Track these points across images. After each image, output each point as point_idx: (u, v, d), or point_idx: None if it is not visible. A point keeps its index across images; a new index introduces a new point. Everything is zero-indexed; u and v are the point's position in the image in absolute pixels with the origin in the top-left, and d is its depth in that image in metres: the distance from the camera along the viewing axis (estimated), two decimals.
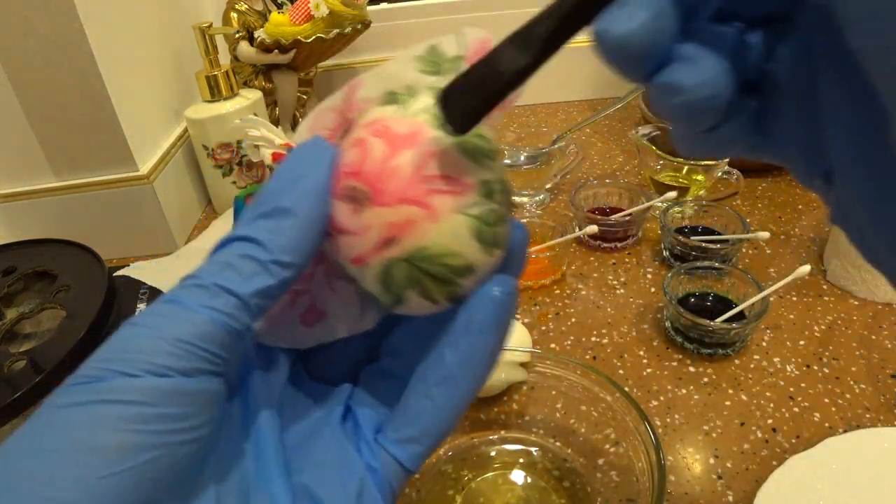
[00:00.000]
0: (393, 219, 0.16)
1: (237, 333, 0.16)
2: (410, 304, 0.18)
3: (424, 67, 0.18)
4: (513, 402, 0.43)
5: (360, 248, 0.17)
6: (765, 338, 0.49)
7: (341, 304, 0.20)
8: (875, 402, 0.43)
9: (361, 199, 0.16)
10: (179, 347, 0.15)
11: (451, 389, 0.18)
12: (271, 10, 0.78)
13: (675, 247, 0.57)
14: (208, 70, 0.68)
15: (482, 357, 0.18)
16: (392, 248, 0.16)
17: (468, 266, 0.17)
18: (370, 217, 0.16)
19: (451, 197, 0.16)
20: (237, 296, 0.15)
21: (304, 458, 0.18)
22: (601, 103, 0.95)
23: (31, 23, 0.55)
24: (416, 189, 0.16)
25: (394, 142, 0.16)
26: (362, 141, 0.17)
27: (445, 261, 0.17)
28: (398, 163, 0.16)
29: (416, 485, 0.38)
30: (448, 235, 0.16)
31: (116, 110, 0.60)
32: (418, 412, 0.18)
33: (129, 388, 0.14)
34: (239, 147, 0.71)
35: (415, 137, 0.17)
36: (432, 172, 0.16)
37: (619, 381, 0.44)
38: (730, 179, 0.64)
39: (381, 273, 0.17)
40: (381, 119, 0.17)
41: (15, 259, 0.51)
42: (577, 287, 0.56)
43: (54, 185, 0.64)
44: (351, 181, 0.17)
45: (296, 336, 0.20)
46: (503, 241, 0.18)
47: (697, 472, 0.39)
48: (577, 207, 0.61)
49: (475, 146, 0.17)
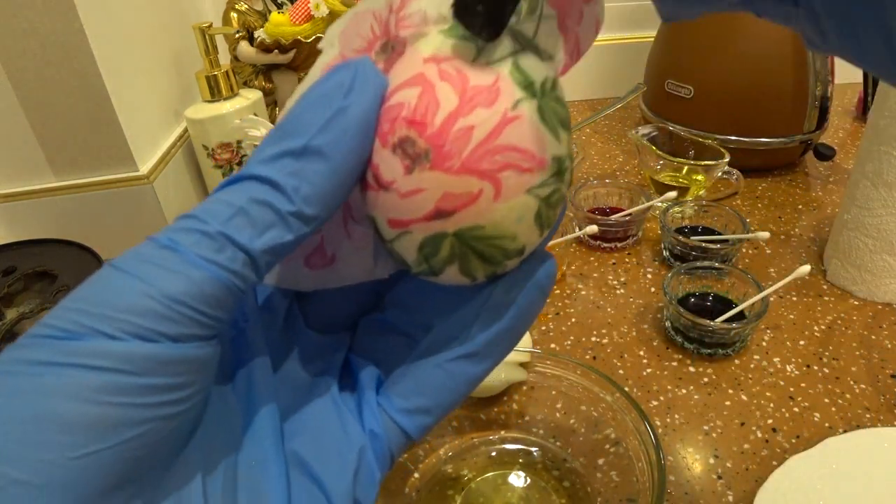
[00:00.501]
0: (454, 189, 0.14)
1: (239, 293, 0.13)
2: (445, 277, 0.15)
3: None
4: (513, 402, 0.43)
5: (404, 212, 0.14)
6: (765, 338, 0.49)
7: (354, 251, 0.17)
8: (875, 402, 0.43)
9: (419, 157, 0.14)
10: (173, 309, 0.12)
11: (473, 367, 0.16)
12: (271, 10, 0.79)
13: (675, 247, 0.57)
14: (208, 70, 0.69)
15: (512, 338, 0.17)
16: (444, 221, 0.14)
17: (521, 248, 0.15)
18: (426, 180, 0.14)
19: (523, 175, 0.14)
20: (247, 251, 0.13)
21: (298, 420, 0.17)
22: (601, 103, 0.95)
23: (31, 23, 0.55)
24: (487, 159, 0.14)
25: (469, 95, 0.14)
26: (428, 82, 0.14)
27: (500, 242, 0.14)
28: (471, 122, 0.13)
29: (416, 485, 0.38)
30: (511, 217, 0.14)
31: (116, 110, 0.60)
32: (433, 383, 0.16)
33: (111, 353, 0.12)
34: (239, 147, 0.71)
35: (495, 95, 0.14)
36: (510, 142, 0.14)
37: (619, 381, 0.44)
38: (730, 179, 0.64)
39: (424, 243, 0.15)
40: (451, 58, 0.14)
41: (15, 259, 0.51)
42: (577, 287, 0.56)
43: (54, 185, 0.64)
44: (409, 130, 0.14)
45: (297, 278, 0.17)
46: (557, 220, 0.16)
47: (697, 472, 0.39)
48: (577, 207, 0.61)
49: (556, 114, 0.14)
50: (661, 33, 0.78)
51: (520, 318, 0.16)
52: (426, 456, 0.39)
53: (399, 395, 0.17)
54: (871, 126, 0.49)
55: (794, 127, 0.69)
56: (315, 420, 0.17)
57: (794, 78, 0.66)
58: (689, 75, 0.71)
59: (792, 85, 0.66)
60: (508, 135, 0.14)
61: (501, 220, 0.14)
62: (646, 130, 0.67)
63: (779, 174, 0.73)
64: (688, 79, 0.71)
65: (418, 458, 0.39)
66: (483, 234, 0.14)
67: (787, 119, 0.68)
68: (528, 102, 0.14)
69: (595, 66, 0.95)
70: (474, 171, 0.14)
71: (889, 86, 0.47)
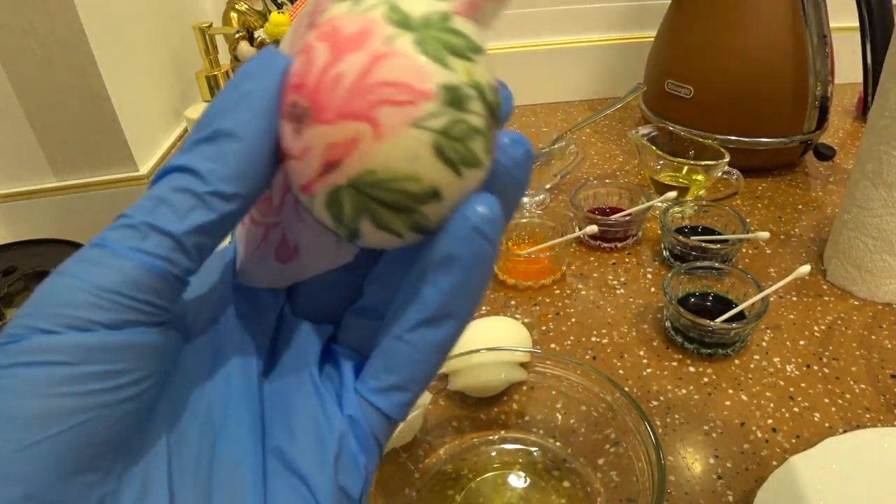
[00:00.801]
0: (333, 138, 0.14)
1: (174, 277, 0.14)
2: (369, 238, 0.15)
3: None
4: (513, 402, 0.43)
5: (303, 175, 0.14)
6: (765, 338, 0.49)
7: (313, 236, 0.17)
8: (875, 402, 0.43)
9: (302, 116, 0.14)
10: (103, 298, 0.13)
11: (434, 333, 0.16)
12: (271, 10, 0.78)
13: (675, 247, 0.57)
14: (208, 70, 0.69)
15: (466, 292, 0.16)
16: (334, 174, 0.14)
17: (431, 190, 0.14)
18: (310, 137, 0.14)
19: (403, 108, 0.13)
20: (170, 235, 0.14)
21: (278, 408, 0.17)
22: (601, 103, 0.95)
23: (31, 23, 0.55)
24: (358, 100, 0.13)
25: (339, 45, 0.14)
26: (308, 47, 0.14)
27: (398, 185, 0.14)
28: (340, 70, 0.13)
29: (417, 485, 0.38)
30: (399, 155, 0.14)
31: (116, 110, 0.60)
32: (398, 358, 0.16)
33: (49, 347, 0.12)
34: None
35: (363, 37, 0.14)
36: (381, 79, 0.13)
37: (619, 381, 0.44)
38: (730, 179, 0.64)
39: (327, 202, 0.14)
40: (331, 19, 0.14)
41: (15, 259, 0.51)
42: (577, 287, 0.56)
43: (54, 185, 0.64)
44: (294, 95, 0.14)
45: (272, 275, 0.18)
46: (480, 157, 0.15)
47: (697, 472, 0.39)
48: (577, 207, 0.61)
49: (444, 43, 0.14)
50: (661, 33, 0.78)
51: (469, 269, 0.15)
52: (426, 456, 0.39)
53: (371, 376, 0.17)
54: (871, 126, 0.49)
55: (794, 127, 0.69)
56: (295, 410, 0.17)
57: (794, 78, 0.66)
58: (689, 75, 0.71)
59: (792, 85, 0.66)
60: (379, 71, 0.13)
61: (390, 159, 0.14)
62: (646, 130, 0.67)
63: (779, 174, 0.73)
64: (688, 79, 0.71)
65: (418, 458, 0.39)
66: (376, 178, 0.14)
67: (787, 119, 0.68)
68: (403, 37, 0.14)
69: (595, 66, 0.95)
70: (348, 115, 0.13)
71: (889, 85, 0.47)
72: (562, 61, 0.94)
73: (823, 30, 0.65)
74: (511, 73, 0.95)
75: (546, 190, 0.71)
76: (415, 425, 0.39)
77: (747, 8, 0.66)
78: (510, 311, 0.54)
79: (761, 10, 0.65)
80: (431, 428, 0.40)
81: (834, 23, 0.65)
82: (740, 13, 0.66)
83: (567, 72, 0.95)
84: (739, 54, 0.67)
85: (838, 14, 0.68)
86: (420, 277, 0.16)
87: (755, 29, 0.66)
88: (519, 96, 0.97)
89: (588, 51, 0.94)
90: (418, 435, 0.40)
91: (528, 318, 0.53)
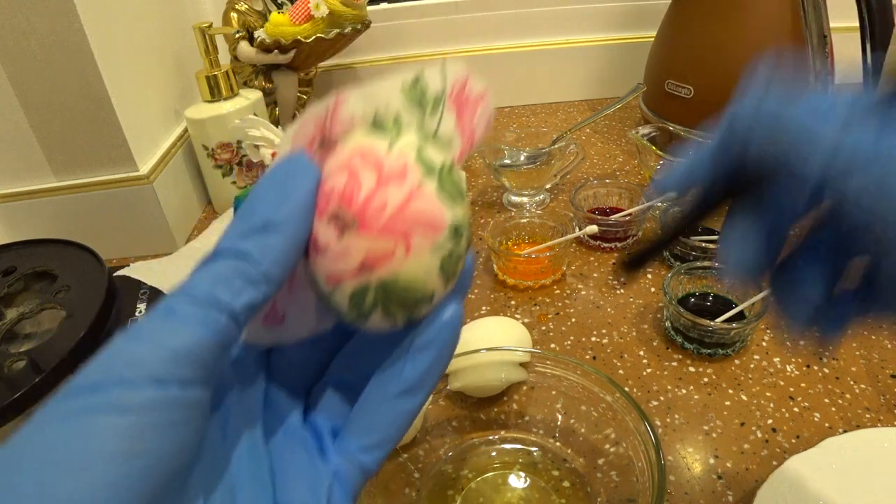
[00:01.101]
0: (374, 248, 0.18)
1: (226, 345, 0.16)
2: (371, 323, 0.19)
3: (410, 100, 0.20)
4: (513, 402, 0.43)
5: (338, 269, 0.18)
6: (765, 338, 0.49)
7: (299, 311, 0.21)
8: (875, 402, 0.43)
9: (347, 225, 0.18)
10: (179, 358, 0.15)
11: (411, 400, 0.20)
12: (271, 10, 0.79)
13: (675, 247, 0.57)
14: (208, 70, 0.69)
15: (437, 371, 0.20)
16: (368, 274, 0.18)
17: (430, 295, 0.19)
18: (353, 242, 0.18)
19: (427, 236, 0.18)
20: (229, 309, 0.16)
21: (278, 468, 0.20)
22: (601, 103, 0.95)
23: (31, 23, 0.55)
24: (399, 225, 0.18)
25: (384, 176, 0.18)
26: (353, 169, 0.18)
27: (413, 291, 0.18)
28: (385, 197, 0.18)
29: (416, 485, 0.38)
30: (419, 269, 0.18)
31: (116, 110, 0.60)
32: (380, 421, 0.20)
33: (131, 396, 0.14)
34: (239, 147, 0.71)
35: (403, 175, 0.18)
36: (416, 211, 0.18)
37: (619, 381, 0.44)
38: None
39: (353, 293, 0.18)
40: (370, 149, 0.19)
41: (15, 259, 0.51)
42: (577, 287, 0.56)
43: (54, 185, 0.64)
44: (340, 206, 0.18)
45: (258, 333, 0.21)
46: (459, 273, 0.20)
47: (697, 472, 0.39)
48: (577, 207, 0.61)
49: (453, 189, 0.19)
50: (661, 33, 0.78)
51: (440, 354, 0.20)
52: (426, 456, 0.39)
53: (355, 437, 0.20)
54: None
55: None
56: (289, 467, 0.20)
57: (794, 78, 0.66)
58: (689, 75, 0.71)
59: None
60: (414, 206, 0.18)
61: (412, 272, 0.18)
62: (646, 130, 0.67)
63: None
64: (688, 79, 0.71)
65: (418, 458, 0.39)
66: (398, 284, 0.18)
67: None
68: (429, 181, 0.18)
69: (595, 66, 0.95)
70: (389, 234, 0.18)
71: None
72: (562, 61, 0.94)
73: (823, 30, 0.65)
74: (511, 73, 0.95)
75: (546, 190, 0.71)
76: (415, 425, 0.39)
77: (747, 8, 0.66)
78: (510, 311, 0.54)
79: (761, 10, 0.65)
80: (431, 428, 0.40)
81: (834, 23, 0.65)
82: (740, 13, 0.66)
83: (567, 72, 0.95)
84: (739, 54, 0.67)
85: (838, 14, 0.68)
86: (401, 357, 0.20)
87: (755, 29, 0.66)
88: (519, 96, 0.97)
89: (588, 51, 0.94)
90: (418, 435, 0.40)
91: (528, 318, 0.53)
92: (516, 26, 0.93)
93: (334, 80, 0.95)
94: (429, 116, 0.20)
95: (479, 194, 0.73)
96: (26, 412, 0.38)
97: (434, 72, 0.20)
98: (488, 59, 0.94)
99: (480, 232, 0.66)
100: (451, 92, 0.20)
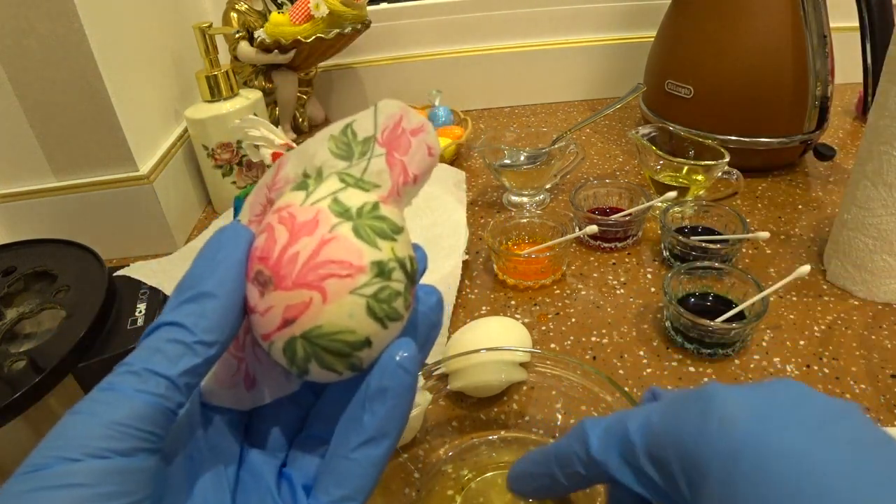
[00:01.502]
0: (291, 301, 0.18)
1: (169, 411, 0.17)
2: (315, 375, 0.19)
3: (336, 148, 0.20)
4: (513, 402, 0.43)
5: (265, 327, 0.19)
6: (765, 338, 0.49)
7: (267, 372, 0.21)
8: (875, 402, 0.43)
9: (266, 283, 0.18)
10: (116, 430, 0.16)
11: (373, 450, 0.20)
12: (271, 10, 0.79)
13: (675, 247, 0.57)
14: (208, 70, 0.69)
15: (397, 417, 0.20)
16: (291, 328, 0.18)
17: (364, 340, 0.18)
18: (272, 299, 0.18)
19: (343, 280, 0.18)
20: (167, 377, 0.17)
21: None
22: (601, 103, 0.95)
23: (31, 23, 0.55)
24: (311, 274, 0.18)
25: (295, 229, 0.18)
26: (270, 227, 0.19)
27: (340, 337, 0.18)
28: (297, 250, 0.18)
29: (416, 485, 0.38)
30: (341, 315, 0.18)
31: (116, 110, 0.60)
32: (345, 473, 0.20)
33: (71, 472, 0.15)
34: (239, 147, 0.71)
35: (314, 225, 0.18)
36: (327, 258, 0.18)
37: (619, 381, 0.44)
38: (730, 179, 0.64)
39: (283, 349, 0.19)
40: (287, 205, 0.19)
41: (15, 259, 0.51)
42: (577, 287, 0.56)
43: (54, 185, 0.64)
44: (258, 266, 0.18)
45: (238, 397, 0.21)
46: (401, 312, 0.19)
47: None
48: (577, 207, 0.61)
49: (374, 229, 0.19)
50: (661, 33, 0.78)
51: (397, 400, 0.19)
52: (426, 456, 0.39)
53: (322, 492, 0.20)
54: (871, 126, 0.49)
55: (794, 127, 0.69)
56: None
57: (794, 78, 0.66)
58: (689, 75, 0.71)
59: (792, 85, 0.66)
60: (326, 252, 0.18)
61: (333, 318, 0.18)
62: (646, 130, 0.67)
63: (779, 174, 0.73)
64: (688, 79, 0.71)
65: (418, 458, 0.39)
66: (322, 332, 0.18)
67: (787, 119, 0.68)
68: (343, 225, 0.18)
69: (595, 66, 0.95)
70: (303, 284, 0.18)
71: (889, 85, 0.47)
72: (562, 61, 0.94)
73: (823, 30, 0.65)
74: (511, 73, 0.95)
75: (546, 190, 0.71)
76: (415, 425, 0.39)
77: (747, 8, 0.66)
78: (510, 311, 0.54)
79: (761, 10, 0.65)
80: (431, 428, 0.40)
81: (834, 23, 0.65)
82: (740, 13, 0.66)
83: (567, 72, 0.95)
84: (739, 54, 0.67)
85: (838, 14, 0.68)
86: (359, 407, 0.20)
87: (755, 29, 0.66)
88: (519, 96, 0.97)
89: (588, 51, 0.94)
90: (418, 435, 0.40)
91: (528, 318, 0.53)
92: (516, 26, 0.93)
93: (334, 80, 0.95)
94: (356, 161, 0.20)
95: (479, 194, 0.73)
96: (26, 412, 0.38)
97: (365, 115, 0.20)
98: (488, 59, 0.94)
99: (480, 232, 0.66)
100: (382, 132, 0.20)
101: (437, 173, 0.71)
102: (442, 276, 0.54)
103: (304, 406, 0.23)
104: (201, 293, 0.18)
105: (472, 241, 0.63)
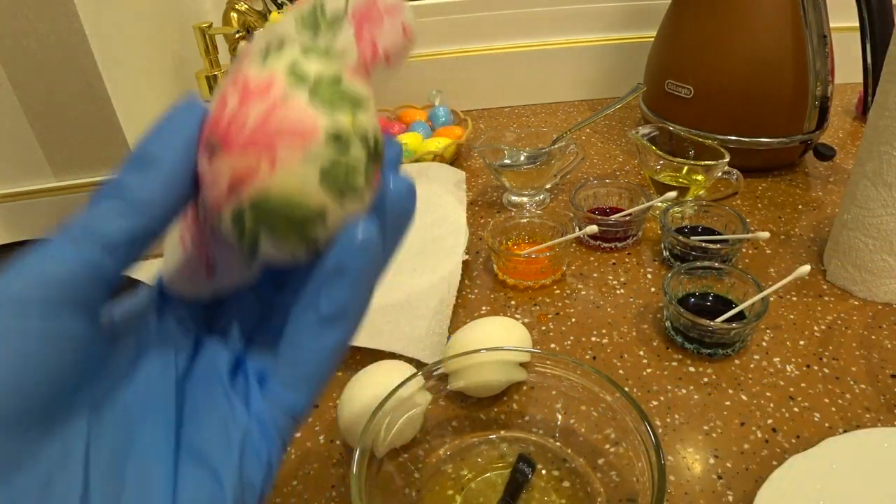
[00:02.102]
0: (237, 166, 0.17)
1: (103, 275, 0.16)
2: (266, 252, 0.18)
3: (303, 24, 0.19)
4: (513, 402, 0.43)
5: (213, 196, 0.17)
6: (765, 338, 0.49)
7: (226, 256, 0.20)
8: (875, 402, 0.43)
9: (214, 148, 0.17)
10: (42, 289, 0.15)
11: (329, 332, 0.19)
12: (271, 10, 0.79)
13: (675, 247, 0.57)
14: (208, 70, 0.69)
15: (357, 300, 0.19)
16: (239, 196, 0.17)
17: (317, 212, 0.17)
18: (220, 165, 0.17)
19: (294, 146, 0.17)
20: (102, 236, 0.16)
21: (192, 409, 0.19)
22: (601, 103, 0.95)
23: (31, 23, 0.55)
24: (261, 138, 0.17)
25: (246, 93, 0.17)
26: (223, 94, 0.18)
27: (291, 207, 0.17)
28: (246, 113, 0.17)
29: (416, 484, 0.38)
30: (291, 183, 0.17)
31: (116, 110, 0.60)
32: (301, 355, 0.19)
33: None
34: None
35: (266, 89, 0.17)
36: (278, 123, 0.17)
37: (619, 381, 0.44)
38: (730, 179, 0.64)
39: (232, 219, 0.17)
40: (241, 73, 0.18)
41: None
42: (577, 287, 0.56)
43: (54, 185, 0.64)
44: (208, 132, 0.17)
45: (197, 285, 0.21)
46: (358, 187, 0.18)
47: (697, 472, 0.39)
48: (577, 207, 0.61)
49: (335, 97, 0.17)
50: (661, 33, 0.78)
51: (356, 280, 0.18)
52: (426, 456, 0.39)
53: (277, 375, 0.19)
54: (871, 126, 0.49)
55: (794, 127, 0.69)
56: (207, 411, 0.19)
57: (794, 78, 0.66)
58: (689, 75, 0.71)
59: (792, 85, 0.66)
60: (277, 116, 0.17)
61: (283, 186, 0.17)
62: (646, 130, 0.67)
63: (779, 174, 0.73)
64: (688, 79, 0.71)
65: (418, 458, 0.39)
66: (271, 201, 0.17)
67: (787, 119, 0.68)
68: (299, 90, 0.17)
69: (595, 66, 0.95)
70: (250, 149, 0.17)
71: (889, 85, 0.47)
72: (562, 61, 0.94)
73: (823, 30, 0.65)
74: (511, 73, 0.95)
75: (546, 190, 0.71)
76: (415, 425, 0.39)
77: (747, 8, 0.66)
78: (510, 311, 0.54)
79: (761, 11, 0.65)
80: (431, 428, 0.40)
81: (834, 23, 0.65)
82: (740, 13, 0.66)
83: (567, 72, 0.95)
84: (739, 54, 0.67)
85: (838, 14, 0.68)
86: (315, 290, 0.18)
87: (755, 29, 0.66)
88: (519, 96, 0.97)
89: (588, 51, 0.94)
90: (418, 435, 0.40)
91: (528, 318, 0.53)
92: (516, 26, 0.93)
93: None
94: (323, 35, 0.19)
95: (479, 194, 0.73)
96: None
97: None
98: (488, 59, 0.94)
99: (480, 232, 0.66)
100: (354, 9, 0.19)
101: (437, 173, 0.71)
102: (442, 276, 0.54)
103: (265, 300, 0.22)
104: (146, 157, 0.17)
105: (472, 241, 0.63)
